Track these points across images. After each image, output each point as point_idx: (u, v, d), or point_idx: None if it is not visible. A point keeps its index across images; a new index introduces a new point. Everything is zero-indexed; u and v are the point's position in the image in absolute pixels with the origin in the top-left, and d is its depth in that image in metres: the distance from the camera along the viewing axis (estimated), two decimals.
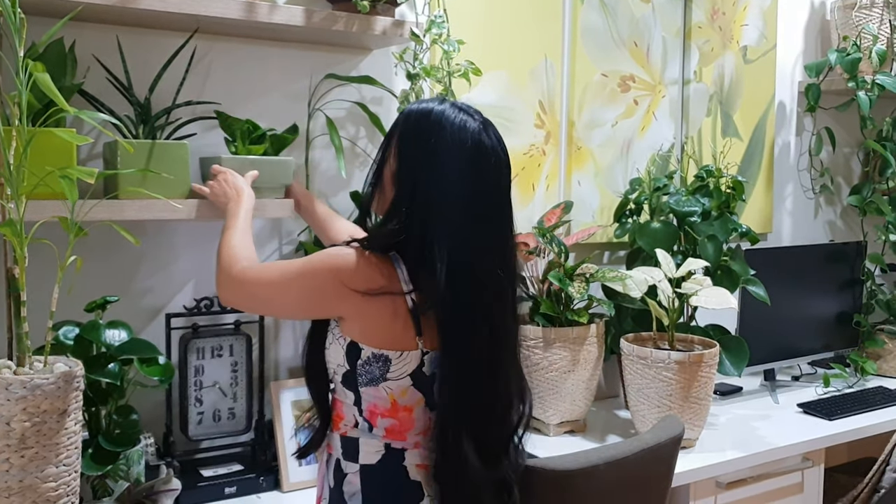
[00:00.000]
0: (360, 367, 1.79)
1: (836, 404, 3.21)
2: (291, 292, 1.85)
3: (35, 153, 1.82)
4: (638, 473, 2.10)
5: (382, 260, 1.79)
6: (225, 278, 1.96)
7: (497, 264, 1.83)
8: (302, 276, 1.83)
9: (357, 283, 1.76)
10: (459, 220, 1.78)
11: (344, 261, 1.78)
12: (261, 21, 2.31)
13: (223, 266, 1.98)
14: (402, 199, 1.80)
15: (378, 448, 1.82)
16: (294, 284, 1.84)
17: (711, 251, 3.02)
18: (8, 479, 1.77)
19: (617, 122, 3.34)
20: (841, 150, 4.11)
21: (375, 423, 1.82)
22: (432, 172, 1.79)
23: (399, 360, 1.78)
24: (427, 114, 1.82)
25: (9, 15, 1.74)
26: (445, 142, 1.79)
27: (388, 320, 1.77)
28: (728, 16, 3.62)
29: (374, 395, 1.80)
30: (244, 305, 2.02)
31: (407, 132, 1.84)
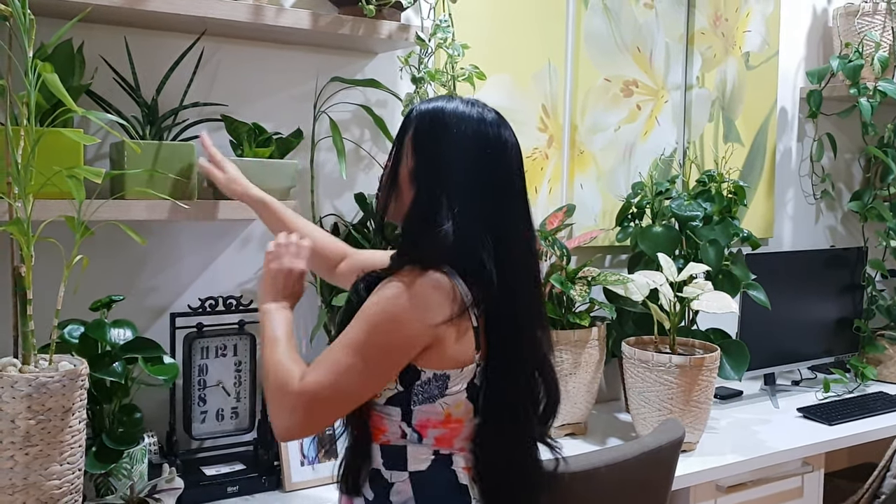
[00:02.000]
0: (416, 388, 1.72)
1: (836, 409, 3.22)
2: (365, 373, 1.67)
3: (43, 153, 1.83)
4: (638, 476, 2.11)
5: (444, 276, 1.69)
6: (283, 401, 1.68)
7: (530, 253, 1.83)
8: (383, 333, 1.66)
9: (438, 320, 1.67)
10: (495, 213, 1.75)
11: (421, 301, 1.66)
12: (267, 24, 2.32)
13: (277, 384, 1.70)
14: (433, 200, 1.73)
15: (427, 455, 1.77)
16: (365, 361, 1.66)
17: (713, 255, 3.03)
18: (12, 477, 1.78)
19: (619, 126, 3.35)
20: (842, 156, 4.12)
21: (426, 434, 1.76)
22: (462, 167, 1.74)
23: (459, 376, 1.73)
24: (441, 110, 1.78)
25: (19, 16, 1.76)
26: (469, 134, 1.75)
27: (454, 342, 1.71)
28: (731, 22, 3.63)
29: (429, 410, 1.74)
30: (315, 422, 1.70)
31: (424, 130, 1.78)
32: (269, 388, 1.71)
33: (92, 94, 2.26)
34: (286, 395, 1.66)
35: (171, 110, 2.34)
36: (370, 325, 1.66)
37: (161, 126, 2.32)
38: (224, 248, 2.57)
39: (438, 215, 1.71)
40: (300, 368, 1.69)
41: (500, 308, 1.74)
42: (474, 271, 1.71)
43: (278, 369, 1.70)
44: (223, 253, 2.57)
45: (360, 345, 1.66)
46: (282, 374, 1.69)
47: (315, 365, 1.67)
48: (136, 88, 2.30)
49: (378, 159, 2.78)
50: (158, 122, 2.31)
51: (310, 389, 1.64)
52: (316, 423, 1.70)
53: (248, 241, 2.60)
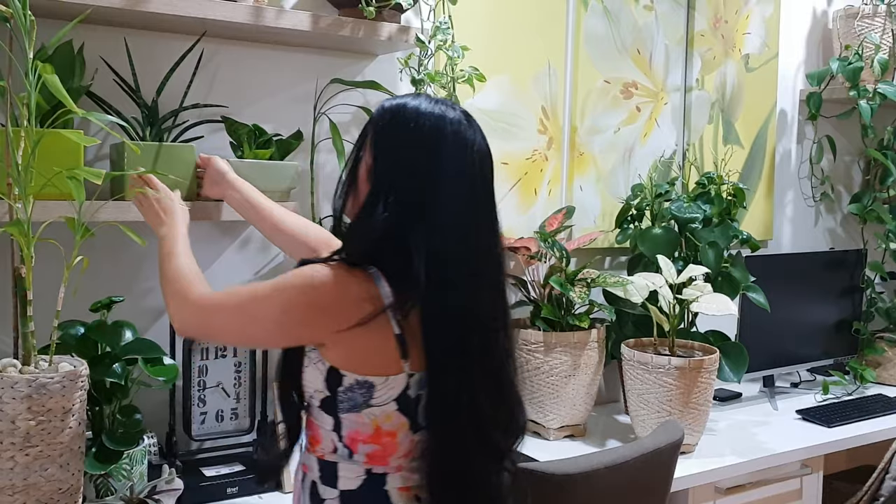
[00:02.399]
0: (340, 394, 1.67)
1: (835, 411, 3.22)
2: (262, 322, 1.70)
3: (43, 154, 1.83)
4: (637, 478, 2.11)
5: (365, 278, 1.66)
6: (181, 305, 1.81)
7: (485, 262, 1.73)
8: (271, 304, 1.69)
9: (341, 317, 1.64)
10: (438, 214, 1.67)
11: (324, 291, 1.66)
12: (267, 25, 2.32)
13: (176, 292, 1.83)
14: (378, 195, 1.68)
15: (359, 473, 1.72)
16: (265, 313, 1.69)
17: (712, 257, 3.03)
18: (12, 477, 1.78)
19: (619, 128, 3.36)
20: (842, 159, 4.12)
21: (356, 449, 1.71)
22: (410, 164, 1.69)
23: (384, 385, 1.66)
24: (403, 106, 1.72)
25: (19, 17, 1.76)
26: (423, 132, 1.69)
27: (373, 347, 1.66)
28: (730, 24, 3.64)
29: (356, 421, 1.69)
30: (205, 333, 1.91)
31: (382, 126, 1.73)
32: (167, 292, 1.86)
33: (92, 94, 2.26)
34: (181, 300, 1.81)
35: (171, 112, 2.34)
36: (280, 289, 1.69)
37: (161, 127, 2.32)
38: (224, 249, 2.57)
39: (384, 214, 1.67)
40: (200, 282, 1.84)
41: (435, 315, 1.67)
42: (400, 273, 1.65)
43: (178, 278, 1.85)
44: (223, 254, 2.57)
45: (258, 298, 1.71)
46: (181, 283, 1.84)
47: (223, 292, 1.77)
48: (136, 90, 2.30)
49: None
50: (158, 123, 2.31)
51: (200, 304, 1.79)
52: (199, 331, 1.88)
53: (247, 242, 2.60)
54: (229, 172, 2.27)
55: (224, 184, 2.26)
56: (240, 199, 2.25)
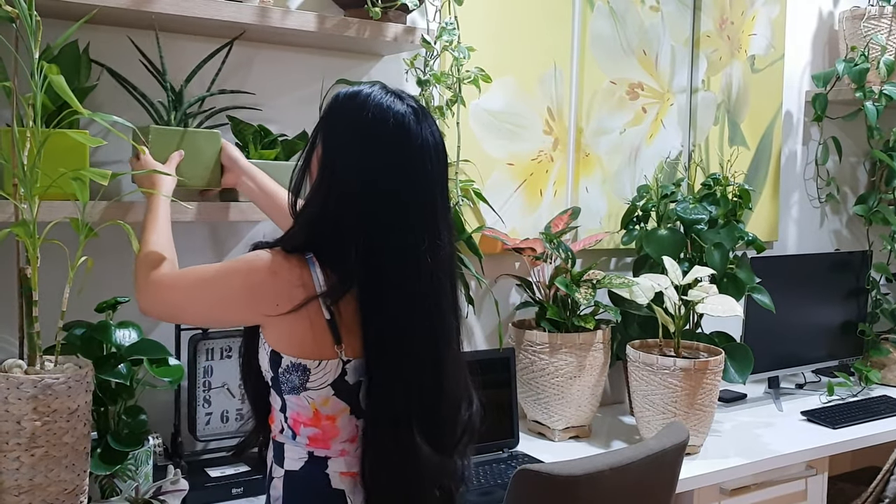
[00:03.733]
0: (281, 375, 1.73)
1: (840, 413, 3.21)
2: (202, 300, 1.80)
3: (48, 154, 1.84)
4: (642, 479, 2.11)
5: (299, 264, 1.70)
6: (143, 284, 1.86)
7: (429, 255, 1.72)
8: (214, 285, 1.77)
9: (273, 301, 1.69)
10: (374, 204, 1.69)
11: (259, 276, 1.71)
12: (273, 26, 2.32)
13: (141, 271, 1.87)
14: (320, 182, 1.74)
15: (301, 455, 1.77)
16: (205, 293, 1.79)
17: (718, 259, 3.03)
18: (18, 478, 1.78)
19: (625, 129, 3.35)
20: (847, 160, 4.11)
21: (298, 431, 1.76)
22: (349, 152, 1.72)
23: (318, 369, 1.70)
24: (354, 95, 1.74)
25: (25, 18, 1.76)
26: (365, 121, 1.70)
27: (303, 330, 1.70)
28: (736, 25, 3.63)
29: (297, 403, 1.74)
30: (158, 312, 1.88)
31: (332, 112, 1.77)
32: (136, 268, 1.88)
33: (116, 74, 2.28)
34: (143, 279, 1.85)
35: (197, 97, 2.34)
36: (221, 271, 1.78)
37: (186, 112, 2.31)
38: (229, 249, 2.57)
39: (319, 198, 1.73)
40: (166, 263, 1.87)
41: (369, 304, 1.70)
42: (335, 260, 1.69)
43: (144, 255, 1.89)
44: (228, 255, 2.57)
45: (203, 281, 1.79)
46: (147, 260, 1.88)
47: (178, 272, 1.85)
48: (163, 72, 2.29)
49: None
50: (184, 108, 2.30)
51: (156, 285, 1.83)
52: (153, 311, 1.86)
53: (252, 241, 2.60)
54: (241, 159, 2.28)
55: (237, 170, 2.27)
56: (253, 186, 2.26)
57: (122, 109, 2.29)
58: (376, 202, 1.70)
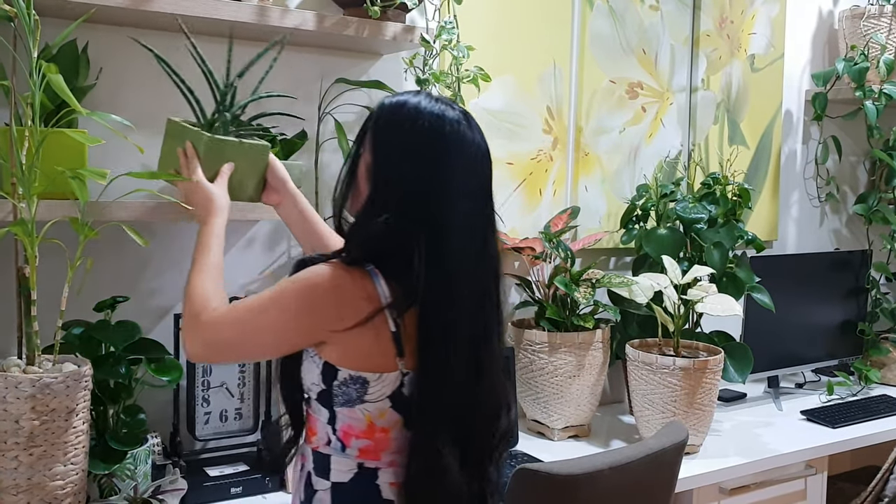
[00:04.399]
0: (335, 388, 1.69)
1: (840, 412, 3.21)
2: (260, 331, 1.71)
3: (47, 154, 1.84)
4: (641, 479, 2.11)
5: (362, 276, 1.67)
6: (190, 326, 1.78)
7: (481, 263, 1.74)
8: (271, 311, 1.70)
9: (339, 317, 1.66)
10: (438, 213, 1.68)
11: (322, 292, 1.67)
12: (272, 25, 2.32)
13: (188, 312, 1.79)
14: (378, 194, 1.70)
15: (350, 467, 1.73)
16: (263, 321, 1.70)
17: (717, 258, 3.03)
18: (16, 477, 1.79)
19: (624, 128, 3.35)
20: (847, 159, 4.11)
21: (349, 443, 1.73)
22: (407, 162, 1.70)
23: (377, 382, 1.68)
24: (402, 104, 1.73)
25: (23, 17, 1.76)
26: (422, 130, 1.69)
27: (368, 343, 1.67)
28: (736, 24, 3.63)
29: (350, 416, 1.71)
30: (210, 354, 1.83)
31: (381, 123, 1.74)
32: (185, 309, 1.80)
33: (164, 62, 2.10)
34: (195, 322, 1.76)
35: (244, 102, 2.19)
36: (275, 298, 1.70)
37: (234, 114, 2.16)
38: (228, 248, 2.56)
39: (377, 211, 1.68)
40: (216, 300, 1.78)
41: (431, 314, 1.68)
42: (399, 272, 1.67)
43: (197, 295, 1.79)
44: (227, 254, 2.55)
45: (260, 310, 1.71)
46: (198, 300, 1.78)
47: (227, 308, 1.75)
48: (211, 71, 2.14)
49: None
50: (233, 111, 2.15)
51: (212, 326, 1.74)
52: (212, 356, 1.88)
53: (252, 241, 2.60)
54: (289, 181, 2.18)
55: (283, 191, 2.17)
56: (295, 211, 2.17)
57: (122, 109, 2.30)
58: (438, 210, 1.69)
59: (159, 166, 2.10)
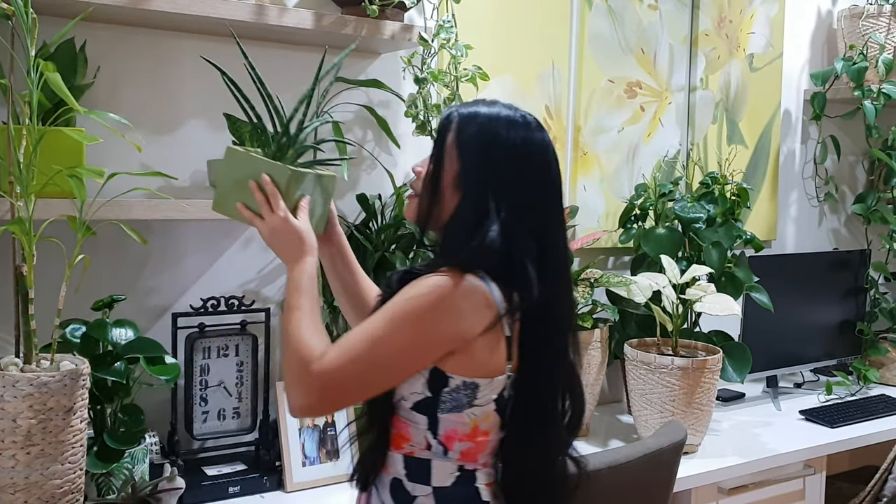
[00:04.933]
0: (444, 395, 1.67)
1: (839, 412, 3.21)
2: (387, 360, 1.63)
3: (44, 152, 1.83)
4: (640, 478, 2.11)
5: (479, 283, 1.65)
6: (303, 381, 1.62)
7: (568, 261, 1.81)
8: (406, 331, 1.62)
9: (470, 325, 1.64)
10: (540, 218, 1.73)
11: (450, 302, 1.63)
12: (270, 24, 2.32)
13: (298, 362, 1.63)
14: (476, 202, 1.70)
15: (452, 470, 1.72)
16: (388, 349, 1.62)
17: (716, 258, 3.03)
18: (14, 476, 1.78)
19: (623, 127, 3.35)
20: (846, 159, 4.11)
21: (452, 447, 1.71)
22: (510, 171, 1.71)
23: (487, 386, 1.68)
24: (487, 114, 1.75)
25: (21, 15, 1.76)
26: (517, 139, 1.72)
27: (488, 349, 1.67)
28: (735, 24, 3.63)
29: (455, 420, 1.69)
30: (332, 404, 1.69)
31: (471, 134, 1.73)
32: (288, 361, 1.65)
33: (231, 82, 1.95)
34: (305, 373, 1.60)
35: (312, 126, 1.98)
36: (393, 321, 1.62)
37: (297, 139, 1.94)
38: (226, 248, 2.57)
39: (486, 220, 1.68)
40: (322, 345, 1.63)
41: (537, 318, 1.71)
42: (517, 279, 1.68)
43: (300, 343, 1.64)
44: (225, 253, 2.57)
45: (379, 338, 1.61)
46: (303, 349, 1.63)
47: (336, 347, 1.61)
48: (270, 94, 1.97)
49: (380, 160, 2.78)
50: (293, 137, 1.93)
51: (326, 373, 1.59)
52: (330, 406, 1.72)
53: (250, 241, 2.60)
54: (338, 224, 2.05)
55: (332, 228, 2.03)
56: (336, 253, 2.04)
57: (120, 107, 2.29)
58: (537, 216, 1.73)
59: (220, 202, 1.86)
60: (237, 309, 2.42)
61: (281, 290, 2.65)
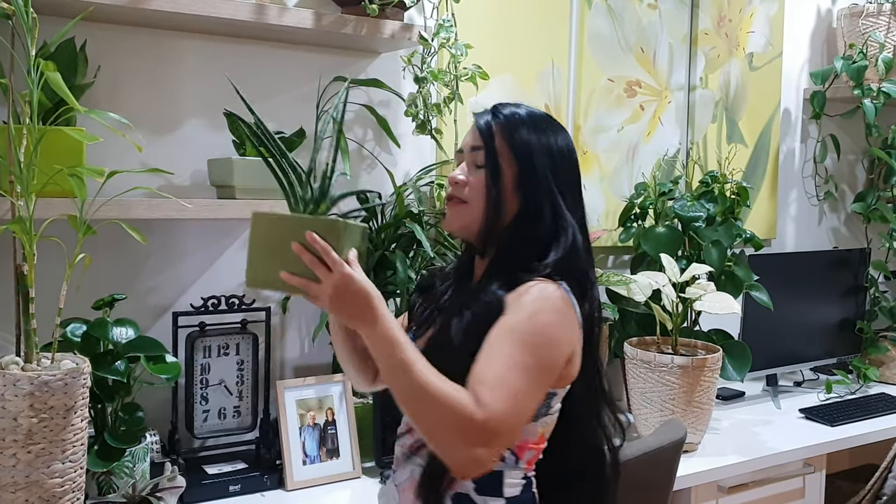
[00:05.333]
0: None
1: (838, 410, 3.21)
2: (538, 379, 1.58)
3: (45, 151, 1.83)
4: (640, 477, 2.11)
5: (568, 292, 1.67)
6: (467, 433, 1.47)
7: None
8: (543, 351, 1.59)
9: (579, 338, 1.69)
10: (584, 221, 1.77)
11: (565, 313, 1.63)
12: (270, 23, 2.33)
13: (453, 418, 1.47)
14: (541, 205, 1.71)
15: (519, 479, 1.72)
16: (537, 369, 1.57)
17: (715, 256, 3.03)
18: (14, 475, 1.78)
19: (623, 126, 3.35)
20: (846, 158, 4.11)
21: (522, 455, 1.72)
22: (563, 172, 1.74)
23: (560, 394, 1.72)
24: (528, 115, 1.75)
25: (21, 14, 1.76)
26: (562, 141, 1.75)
27: (573, 359, 1.69)
28: (734, 23, 3.63)
29: (530, 430, 1.70)
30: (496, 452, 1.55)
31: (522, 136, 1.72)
32: (434, 420, 1.50)
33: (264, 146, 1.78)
34: (467, 425, 1.47)
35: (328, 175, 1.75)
36: (533, 345, 1.57)
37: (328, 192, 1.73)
38: (226, 247, 2.57)
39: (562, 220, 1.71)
40: (461, 391, 1.49)
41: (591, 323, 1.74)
42: (582, 284, 1.70)
43: (443, 398, 1.48)
44: (225, 252, 2.57)
45: (530, 367, 1.55)
46: (450, 402, 1.47)
47: (488, 388, 1.50)
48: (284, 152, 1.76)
49: (380, 159, 2.78)
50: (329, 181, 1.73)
51: (494, 418, 1.47)
52: (499, 451, 1.58)
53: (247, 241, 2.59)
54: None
55: None
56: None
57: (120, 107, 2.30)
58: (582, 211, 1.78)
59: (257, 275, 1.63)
60: (238, 308, 2.43)
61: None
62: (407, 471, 1.75)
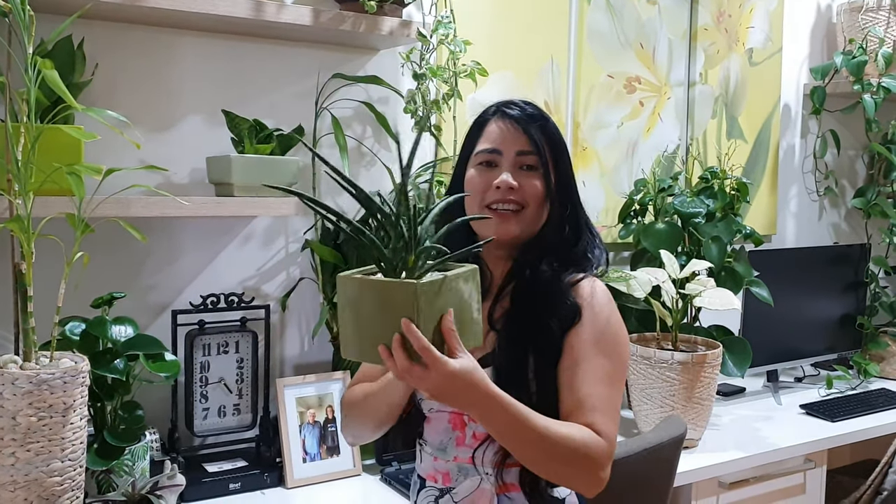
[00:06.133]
0: None
1: (839, 406, 3.21)
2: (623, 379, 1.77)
3: (43, 150, 1.83)
4: (640, 473, 2.11)
5: None
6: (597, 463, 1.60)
7: None
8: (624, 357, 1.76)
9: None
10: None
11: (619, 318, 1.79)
12: (268, 20, 2.32)
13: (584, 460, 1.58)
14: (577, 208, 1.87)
15: None
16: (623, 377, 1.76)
17: (715, 252, 3.02)
18: (14, 473, 1.78)
19: (622, 123, 3.35)
20: (846, 153, 4.11)
21: None
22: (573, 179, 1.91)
23: None
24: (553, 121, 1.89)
25: (18, 12, 1.76)
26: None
27: None
28: (734, 18, 3.63)
29: None
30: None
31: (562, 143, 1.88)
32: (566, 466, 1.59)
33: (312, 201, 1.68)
34: (597, 457, 1.59)
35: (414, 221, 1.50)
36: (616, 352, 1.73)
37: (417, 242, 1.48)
38: (226, 244, 2.57)
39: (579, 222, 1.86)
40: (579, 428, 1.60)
41: None
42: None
43: (573, 445, 1.57)
44: (225, 250, 2.57)
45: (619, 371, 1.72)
46: (579, 446, 1.57)
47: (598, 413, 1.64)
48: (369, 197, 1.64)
49: (380, 156, 2.78)
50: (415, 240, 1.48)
51: (614, 438, 1.66)
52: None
53: (249, 237, 2.60)
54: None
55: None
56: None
57: (118, 104, 2.29)
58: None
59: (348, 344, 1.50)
60: (237, 306, 2.43)
61: (280, 287, 2.65)
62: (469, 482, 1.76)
